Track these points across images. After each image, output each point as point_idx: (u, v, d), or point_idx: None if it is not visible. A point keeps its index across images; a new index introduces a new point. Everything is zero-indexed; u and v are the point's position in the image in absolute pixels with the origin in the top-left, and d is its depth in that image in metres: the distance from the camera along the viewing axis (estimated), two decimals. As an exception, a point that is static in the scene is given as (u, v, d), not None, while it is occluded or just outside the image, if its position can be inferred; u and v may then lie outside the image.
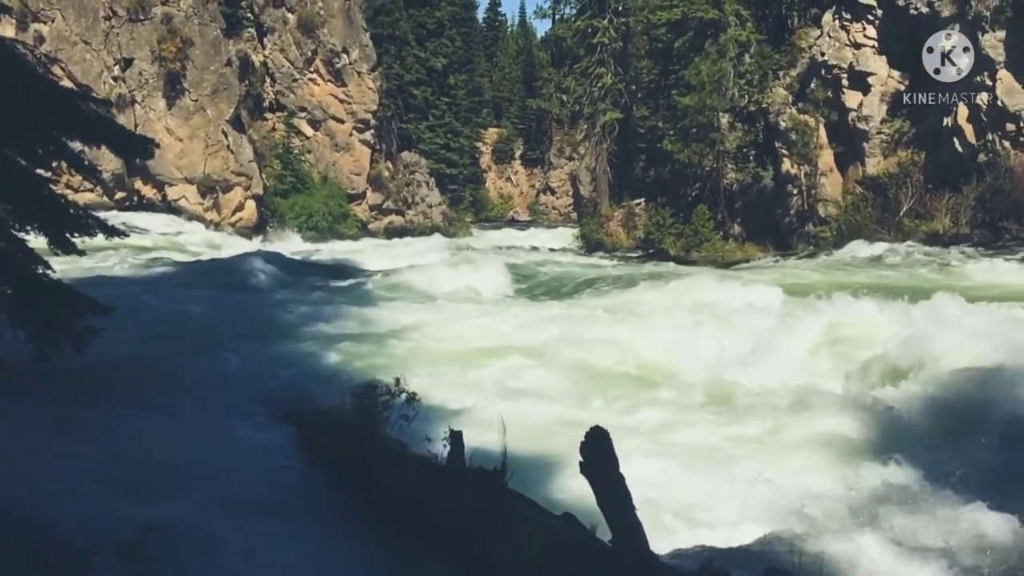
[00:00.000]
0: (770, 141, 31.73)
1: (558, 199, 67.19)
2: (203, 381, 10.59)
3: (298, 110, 42.81)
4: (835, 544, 5.97)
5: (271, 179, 40.45)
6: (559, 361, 12.17)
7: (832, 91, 30.16)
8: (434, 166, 51.65)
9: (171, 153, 36.44)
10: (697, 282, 17.60)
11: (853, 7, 29.66)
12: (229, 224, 37.53)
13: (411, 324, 14.89)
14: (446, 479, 6.16)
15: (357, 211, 43.76)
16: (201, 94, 37.21)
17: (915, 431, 8.99)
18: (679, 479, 7.79)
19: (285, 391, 10.21)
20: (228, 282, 19.53)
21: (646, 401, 10.50)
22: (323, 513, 6.66)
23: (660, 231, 32.83)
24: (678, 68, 33.80)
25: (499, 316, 15.92)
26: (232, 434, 8.65)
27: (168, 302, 16.15)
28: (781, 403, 10.11)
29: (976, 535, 6.55)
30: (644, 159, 39.74)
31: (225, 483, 6.97)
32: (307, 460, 7.68)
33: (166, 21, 36.89)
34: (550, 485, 7.49)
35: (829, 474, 7.92)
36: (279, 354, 12.53)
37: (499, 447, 6.15)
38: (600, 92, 39.61)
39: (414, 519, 6.07)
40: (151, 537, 4.55)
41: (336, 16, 42.54)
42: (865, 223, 27.38)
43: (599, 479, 4.90)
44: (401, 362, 11.75)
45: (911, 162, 27.50)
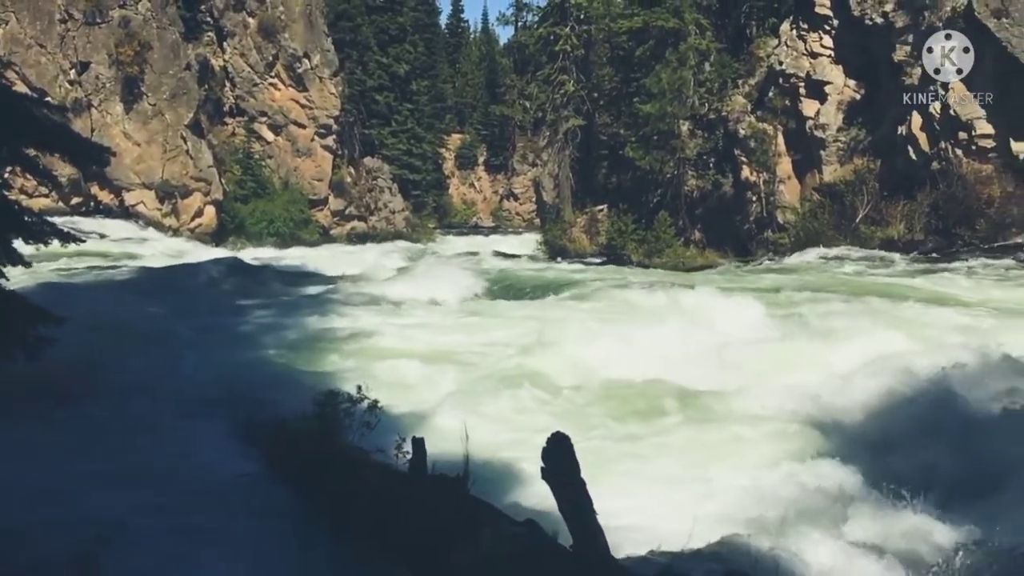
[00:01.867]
0: (730, 148, 32.12)
1: (521, 205, 67.32)
2: (160, 389, 10.44)
3: (259, 115, 42.43)
4: (790, 545, 6.06)
5: (231, 184, 40.03)
6: (522, 367, 12.19)
7: (790, 99, 30.62)
8: (397, 172, 51.47)
9: (129, 158, 35.93)
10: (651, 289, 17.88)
11: (810, 17, 30.17)
12: (188, 230, 37.08)
13: (373, 330, 14.82)
14: (408, 487, 6.15)
15: (319, 217, 43.48)
16: (159, 98, 36.74)
17: (866, 434, 9.16)
18: (632, 484, 7.86)
19: (245, 399, 10.09)
20: (186, 289, 19.28)
21: (601, 406, 10.55)
22: (283, 521, 6.61)
23: (622, 237, 33.05)
24: (639, 76, 34.10)
25: (462, 322, 15.92)
26: (190, 442, 8.55)
27: (124, 309, 15.88)
28: (734, 407, 10.22)
29: (924, 534, 6.70)
30: (606, 166, 39.98)
31: (182, 492, 6.89)
32: (267, 468, 7.61)
33: (124, 24, 36.36)
34: (512, 491, 7.51)
35: (783, 476, 8.02)
36: (238, 362, 12.38)
37: (461, 454, 6.16)
38: (563, 99, 39.78)
39: (376, 527, 6.05)
40: (104, 548, 4.48)
41: (297, 21, 42.28)
42: (822, 229, 27.81)
43: (560, 485, 4.93)
44: (363, 369, 11.68)
45: (867, 170, 28.01)
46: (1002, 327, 12.82)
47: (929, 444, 8.31)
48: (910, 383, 9.92)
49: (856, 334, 12.21)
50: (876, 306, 14.74)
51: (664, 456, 8.87)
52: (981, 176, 24.94)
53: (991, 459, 8.00)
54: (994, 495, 7.33)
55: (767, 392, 10.43)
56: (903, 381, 9.98)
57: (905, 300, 15.40)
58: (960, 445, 8.21)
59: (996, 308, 14.90)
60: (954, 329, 12.84)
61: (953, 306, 14.96)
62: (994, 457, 8.03)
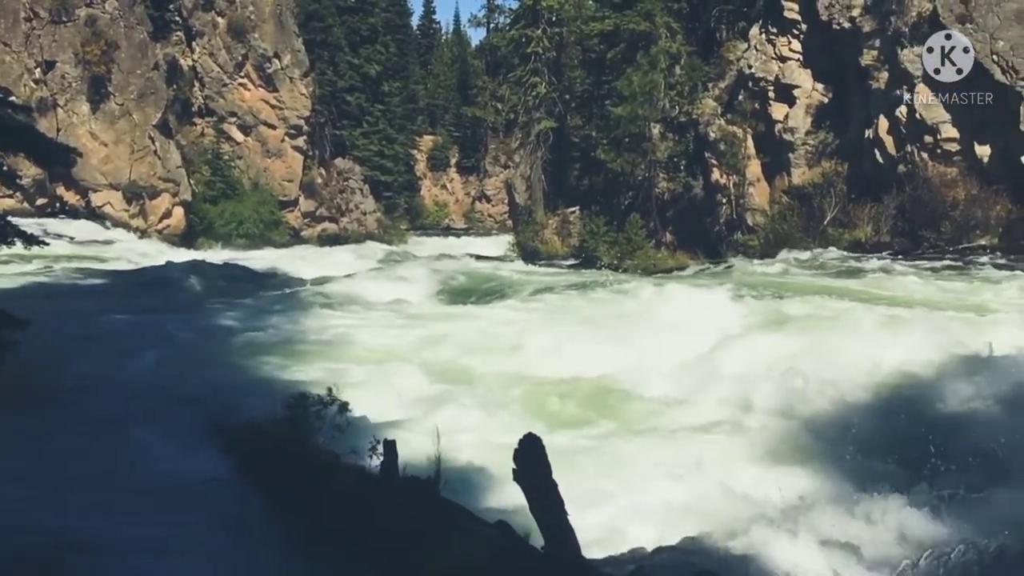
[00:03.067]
0: (700, 151, 32.35)
1: (494, 207, 67.28)
2: (127, 393, 10.30)
3: (228, 115, 42.07)
4: (759, 543, 6.10)
5: (200, 185, 39.63)
6: (493, 369, 12.19)
7: (759, 103, 30.90)
8: (368, 173, 51.26)
9: (95, 158, 35.45)
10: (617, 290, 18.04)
11: (779, 21, 30.48)
12: (156, 231, 36.67)
13: (343, 333, 14.75)
14: (379, 489, 6.12)
15: (289, 218, 43.20)
16: (127, 98, 36.29)
17: (835, 432, 9.25)
18: (605, 482, 7.89)
19: (214, 402, 9.99)
20: (154, 291, 19.07)
21: (573, 406, 10.58)
22: (253, 525, 6.55)
23: (594, 239, 33.15)
24: (611, 79, 34.24)
25: (433, 324, 15.87)
26: (159, 447, 8.44)
27: (91, 312, 15.69)
28: (700, 407, 10.29)
29: (895, 530, 6.77)
30: (578, 168, 40.10)
31: (151, 496, 6.81)
32: (237, 472, 7.54)
33: (90, 23, 35.88)
34: (484, 493, 7.51)
35: (752, 475, 8.09)
36: (208, 365, 12.25)
37: (433, 456, 6.14)
38: (534, 101, 39.85)
39: (348, 530, 6.01)
40: (70, 554, 4.41)
41: (267, 21, 41.98)
42: (791, 231, 28.07)
43: (532, 486, 4.94)
44: (333, 370, 11.62)
45: (835, 172, 28.32)
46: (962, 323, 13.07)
47: (901, 442, 8.42)
48: (879, 382, 10.06)
49: (819, 332, 12.38)
50: (836, 305, 14.96)
51: (631, 455, 8.91)
52: (946, 179, 25.32)
53: (965, 456, 8.11)
54: (970, 493, 7.41)
55: (733, 391, 10.51)
56: (872, 380, 10.11)
57: (871, 301, 15.61)
58: (932, 442, 8.32)
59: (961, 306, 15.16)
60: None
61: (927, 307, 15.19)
62: (968, 454, 8.15)
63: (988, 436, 8.48)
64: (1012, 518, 6.86)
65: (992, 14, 24.48)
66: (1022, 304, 15.93)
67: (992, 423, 8.85)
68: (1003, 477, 7.73)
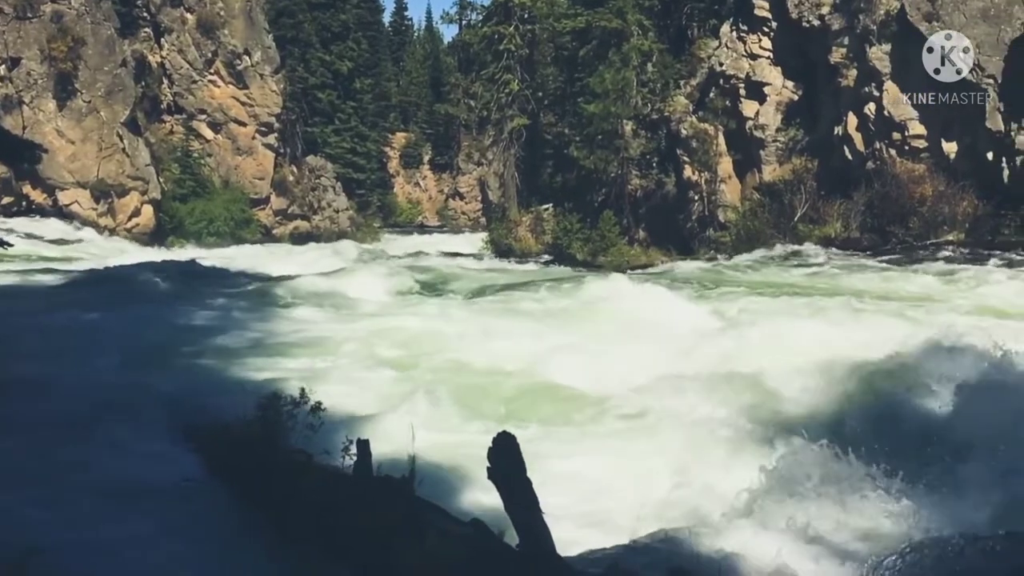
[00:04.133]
0: (672, 148, 32.53)
1: (467, 204, 67.21)
2: (97, 395, 10.13)
3: (198, 112, 41.65)
4: (733, 538, 6.12)
5: (169, 183, 39.20)
6: (466, 367, 12.16)
7: (730, 100, 31.13)
8: (341, 171, 50.99)
9: (62, 156, 34.95)
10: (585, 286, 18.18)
11: (750, 19, 30.72)
12: (125, 230, 36.21)
13: (316, 331, 14.65)
14: (353, 489, 6.08)
15: (261, 216, 42.84)
16: (94, 95, 35.78)
17: (808, 425, 9.32)
18: (574, 479, 7.90)
19: (183, 402, 9.87)
20: (123, 291, 18.79)
21: (542, 405, 10.58)
22: (226, 527, 6.48)
23: (568, 236, 33.21)
24: (583, 76, 34.33)
25: (405, 322, 15.79)
26: (129, 448, 8.32)
27: (58, 313, 15.44)
28: (674, 400, 10.32)
29: (869, 525, 6.82)
30: (551, 165, 40.15)
31: (121, 499, 6.70)
32: (209, 473, 7.46)
33: (56, 19, 35.34)
34: (459, 492, 7.48)
35: (725, 469, 8.12)
36: (178, 365, 12.11)
37: (407, 455, 6.11)
38: (507, 98, 39.83)
39: (321, 530, 5.97)
40: (33, 559, 4.32)
41: (237, 17, 41.59)
42: (762, 228, 28.33)
43: (506, 484, 4.93)
44: (305, 371, 11.54)
45: (805, 169, 28.62)
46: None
47: (872, 433, 8.50)
48: (851, 374, 10.13)
49: (786, 326, 12.52)
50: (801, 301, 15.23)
51: (603, 453, 8.91)
52: (914, 175, 25.68)
53: (940, 447, 8.20)
54: (943, 486, 7.49)
55: (704, 387, 10.56)
56: (845, 372, 10.19)
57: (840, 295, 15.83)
58: (903, 432, 8.41)
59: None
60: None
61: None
62: (943, 446, 8.24)
63: (954, 427, 8.60)
64: (978, 510, 6.95)
65: (958, 12, 24.85)
66: (979, 296, 16.35)
67: (959, 414, 8.96)
68: (967, 467, 7.82)
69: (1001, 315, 14.29)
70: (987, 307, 15.22)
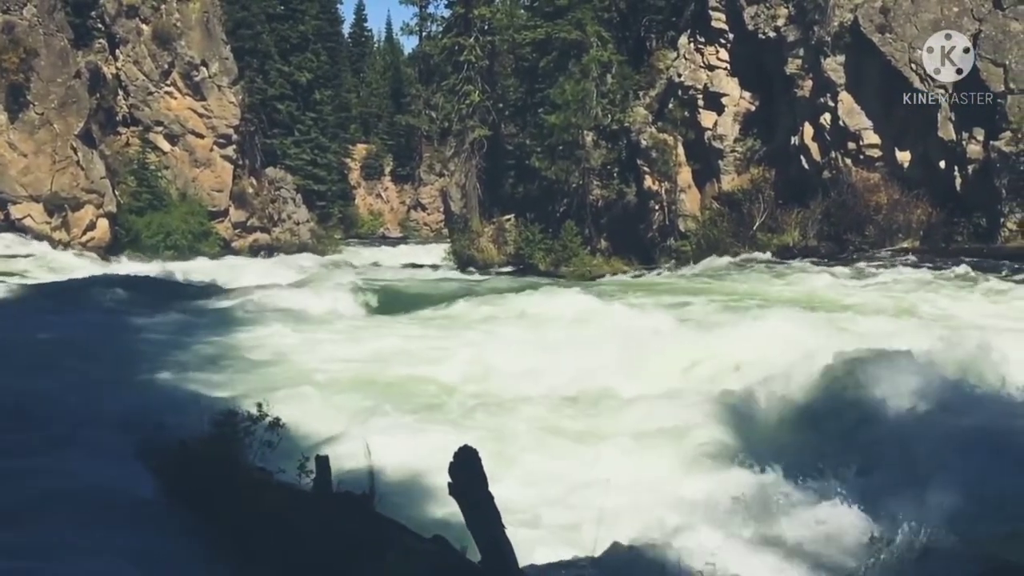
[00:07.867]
0: (632, 158, 32.75)
1: (429, 215, 67.08)
2: (46, 412, 9.85)
3: (154, 124, 41.07)
4: (698, 547, 6.12)
5: (125, 196, 38.56)
6: (425, 380, 12.08)
7: (689, 111, 31.44)
8: (301, 182, 50.60)
9: (14, 169, 34.26)
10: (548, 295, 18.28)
11: (707, 31, 31.08)
12: (80, 244, 35.52)
13: (273, 347, 14.43)
14: (312, 506, 5.97)
15: (220, 229, 42.29)
16: (47, 107, 35.10)
17: (773, 434, 9.38)
18: (540, 490, 7.85)
19: (138, 421, 9.62)
20: (77, 306, 18.40)
21: (504, 416, 10.53)
22: (182, 548, 6.31)
23: (530, 246, 33.28)
24: (544, 87, 34.48)
25: (362, 335, 15.65)
26: (79, 468, 8.07)
27: (8, 329, 15.06)
28: (635, 409, 10.34)
29: (834, 532, 6.86)
30: (513, 175, 40.21)
31: (70, 522, 6.49)
32: (165, 493, 7.27)
33: (7, 30, 34.63)
34: (420, 507, 7.39)
35: (691, 478, 8.14)
36: (132, 382, 11.83)
37: (367, 472, 6.02)
38: (468, 109, 39.83)
39: (280, 549, 5.85)
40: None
41: (194, 28, 41.12)
42: (722, 237, 28.62)
43: (468, 499, 4.86)
44: (262, 387, 11.33)
45: (763, 179, 28.98)
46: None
47: (836, 441, 8.57)
48: (813, 378, 10.21)
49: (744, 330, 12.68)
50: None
51: (565, 460, 8.89)
52: (869, 184, 26.12)
53: (890, 451, 8.28)
54: (907, 490, 7.55)
55: (665, 393, 10.60)
56: (808, 377, 10.26)
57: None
58: (866, 440, 8.49)
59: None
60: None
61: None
62: (891, 449, 8.33)
63: (907, 431, 8.71)
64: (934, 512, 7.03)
65: (910, 24, 25.35)
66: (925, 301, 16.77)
67: (911, 419, 9.07)
68: (922, 471, 7.91)
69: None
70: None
